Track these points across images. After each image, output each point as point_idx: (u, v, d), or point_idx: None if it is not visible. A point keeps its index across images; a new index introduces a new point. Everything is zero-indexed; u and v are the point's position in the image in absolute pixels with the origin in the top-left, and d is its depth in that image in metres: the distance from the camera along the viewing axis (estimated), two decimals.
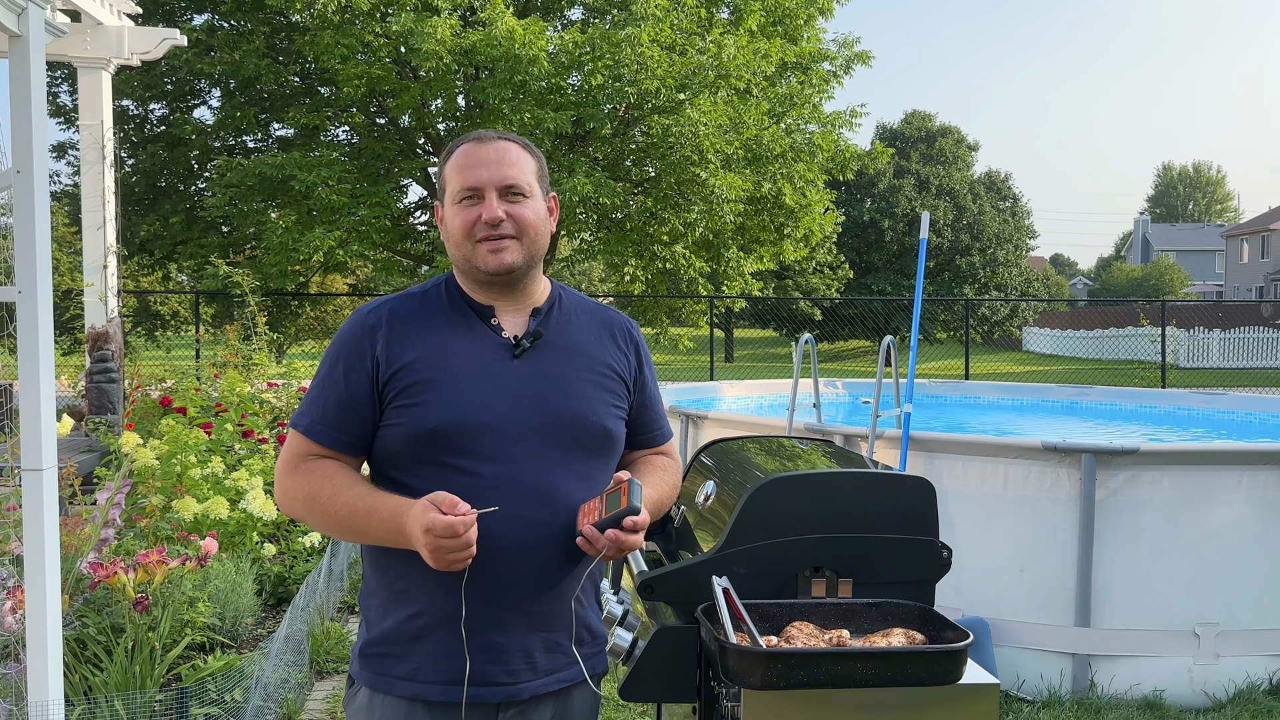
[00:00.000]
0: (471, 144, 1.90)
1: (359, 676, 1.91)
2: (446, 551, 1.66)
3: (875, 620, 2.11)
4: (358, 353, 1.86)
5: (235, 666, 3.55)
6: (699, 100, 12.63)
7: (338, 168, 13.24)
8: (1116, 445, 4.58)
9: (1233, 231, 59.95)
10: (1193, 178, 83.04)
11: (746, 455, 2.70)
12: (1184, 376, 20.06)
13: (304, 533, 5.61)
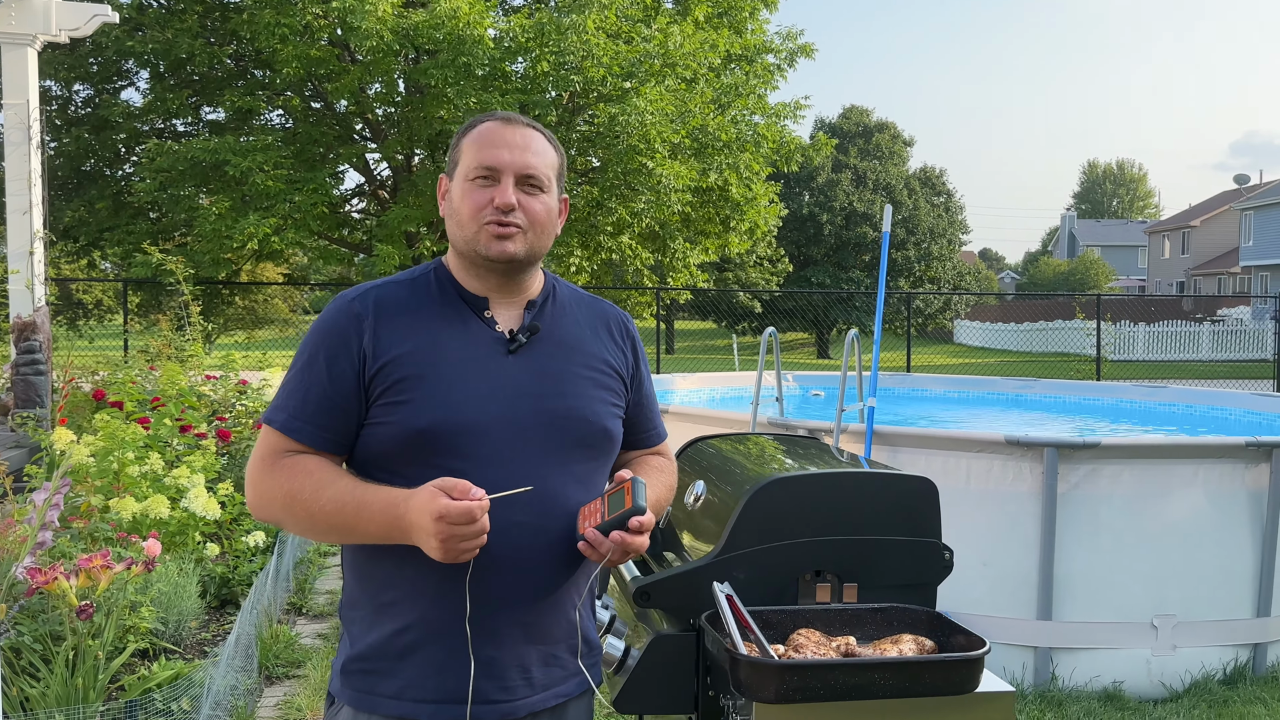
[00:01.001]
0: (497, 123, 1.78)
1: (340, 694, 1.77)
2: (460, 540, 1.54)
3: (881, 626, 2.04)
4: (342, 343, 1.72)
5: (185, 675, 3.37)
6: (645, 89, 12.52)
7: (274, 153, 12.84)
8: (1078, 439, 4.60)
9: (1155, 228, 61.71)
10: (1117, 175, 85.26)
11: (734, 454, 2.61)
12: (1114, 369, 20.55)
13: (246, 532, 5.40)
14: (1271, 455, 4.61)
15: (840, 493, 2.16)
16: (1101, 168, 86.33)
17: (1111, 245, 66.49)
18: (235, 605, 5.18)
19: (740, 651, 1.79)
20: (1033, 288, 58.41)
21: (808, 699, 1.74)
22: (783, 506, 2.13)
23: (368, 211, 17.12)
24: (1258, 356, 30.01)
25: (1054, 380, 9.75)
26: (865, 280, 34.43)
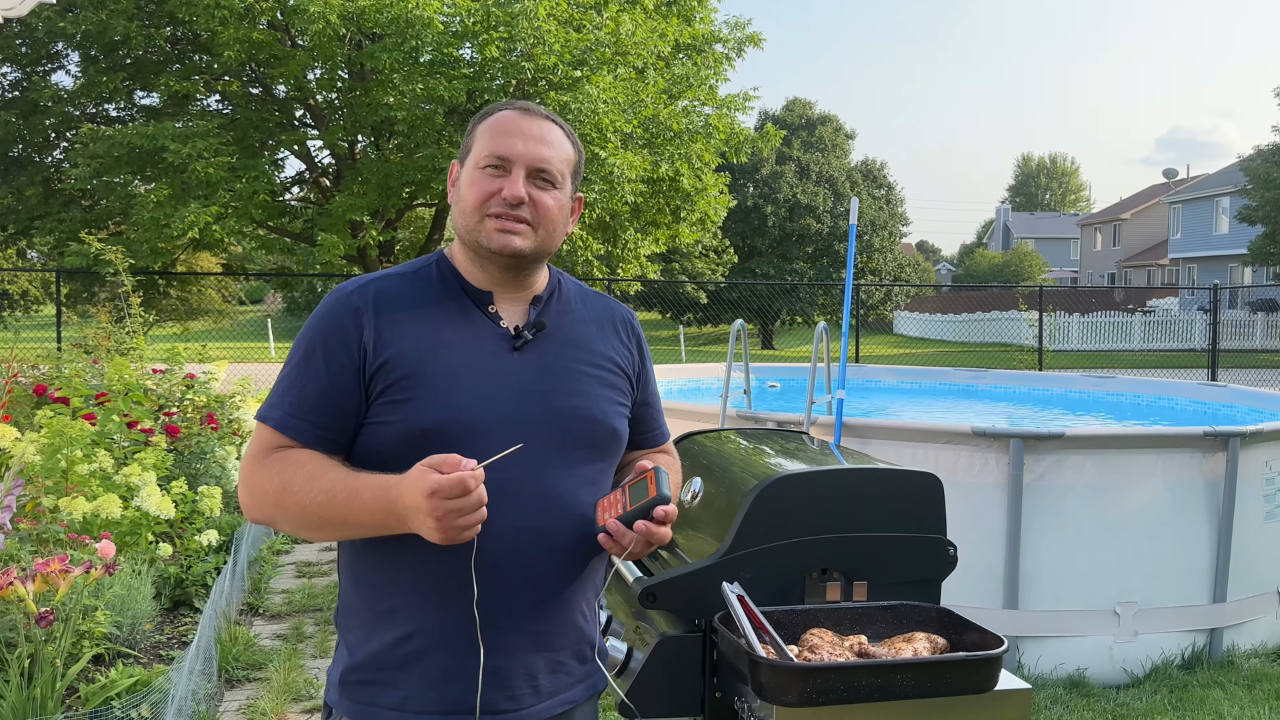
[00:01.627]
0: (515, 112, 1.71)
1: (339, 706, 1.70)
2: (457, 515, 1.44)
3: (891, 624, 2.02)
4: (341, 337, 1.63)
5: (151, 683, 3.24)
6: (596, 78, 12.43)
7: (214, 139, 12.49)
8: (1043, 430, 4.65)
9: (1087, 220, 63.13)
10: (1049, 169, 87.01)
11: (729, 450, 2.57)
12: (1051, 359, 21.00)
13: (199, 531, 5.24)
14: (1228, 445, 4.70)
15: (848, 489, 2.13)
16: (1035, 161, 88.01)
17: (1045, 238, 67.91)
18: (189, 606, 5.03)
19: (759, 654, 1.75)
20: (968, 279, 59.44)
21: (831, 701, 1.71)
22: (790, 504, 2.10)
23: (308, 200, 16.76)
24: (1186, 346, 30.89)
25: (1004, 371, 9.90)
26: (809, 271, 34.72)
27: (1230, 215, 39.79)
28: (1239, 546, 4.75)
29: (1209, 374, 14.05)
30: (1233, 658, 4.78)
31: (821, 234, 35.28)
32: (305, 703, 4.17)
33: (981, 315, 36.41)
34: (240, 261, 21.86)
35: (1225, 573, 4.74)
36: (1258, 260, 31.89)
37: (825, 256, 35.71)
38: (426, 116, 12.72)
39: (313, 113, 15.31)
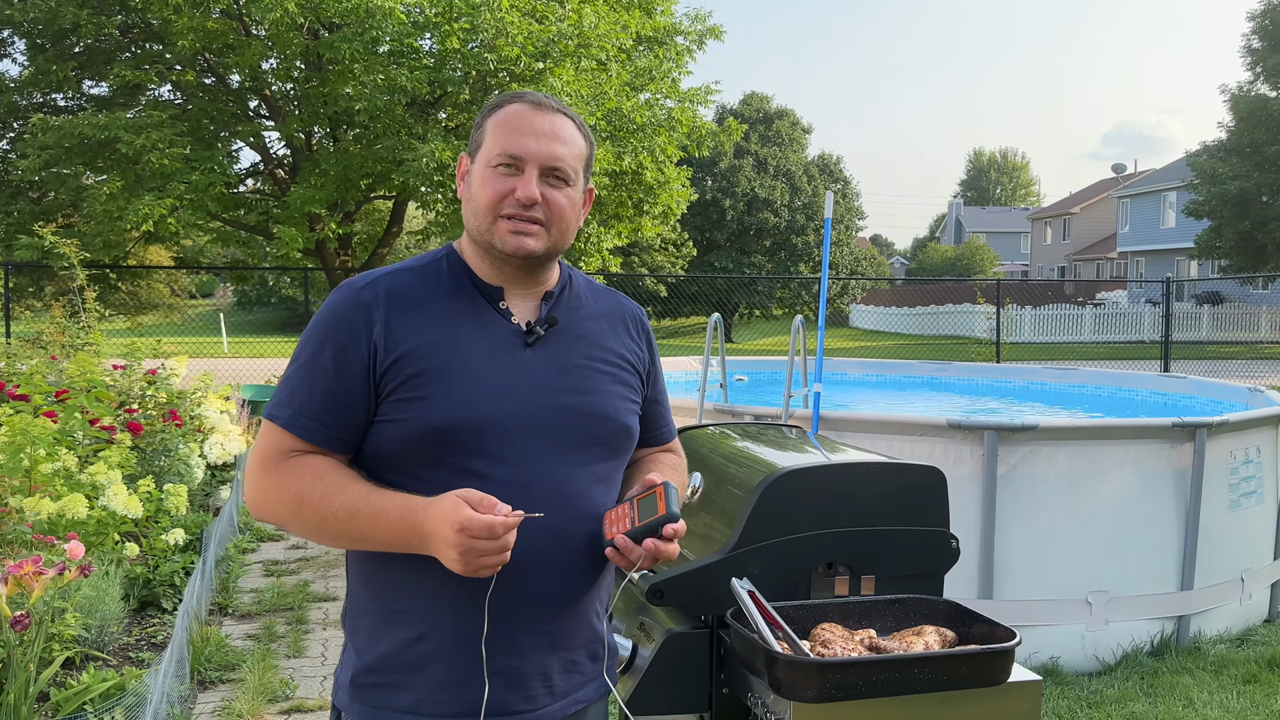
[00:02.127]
0: (526, 106, 1.67)
1: (349, 709, 1.66)
2: (479, 555, 1.45)
3: (899, 617, 2.02)
4: (350, 335, 1.60)
5: (126, 687, 3.16)
6: (559, 70, 12.35)
7: (168, 130, 12.22)
8: (1017, 422, 4.70)
9: (1037, 215, 64.10)
10: (1000, 163, 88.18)
11: (724, 446, 2.56)
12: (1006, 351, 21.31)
13: (165, 530, 5.14)
14: (1195, 435, 4.79)
15: (853, 483, 2.13)
16: (986, 156, 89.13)
17: (996, 231, 68.80)
18: (157, 607, 4.93)
19: (776, 650, 1.74)
20: (922, 273, 60.09)
21: (849, 696, 1.70)
22: (796, 498, 2.09)
23: (263, 192, 16.48)
24: (1135, 339, 31.51)
25: (968, 363, 10.01)
26: (767, 265, 34.86)
27: (1177, 210, 40.62)
28: (1205, 535, 4.85)
29: (1162, 365, 14.35)
30: (1199, 644, 4.87)
31: (779, 228, 35.46)
32: (281, 704, 4.10)
33: (936, 308, 36.85)
34: (191, 255, 21.46)
35: (1192, 561, 4.83)
36: (1204, 254, 32.57)
37: (783, 250, 35.90)
38: (387, 108, 12.56)
39: (268, 103, 15.05)
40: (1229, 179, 29.17)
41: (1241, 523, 5.12)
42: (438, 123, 14.20)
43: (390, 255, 18.62)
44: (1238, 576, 5.09)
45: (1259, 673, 4.56)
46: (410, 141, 12.80)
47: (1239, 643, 4.95)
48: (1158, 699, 4.29)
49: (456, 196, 14.22)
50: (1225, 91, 30.33)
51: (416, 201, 15.10)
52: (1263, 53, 29.92)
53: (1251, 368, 20.15)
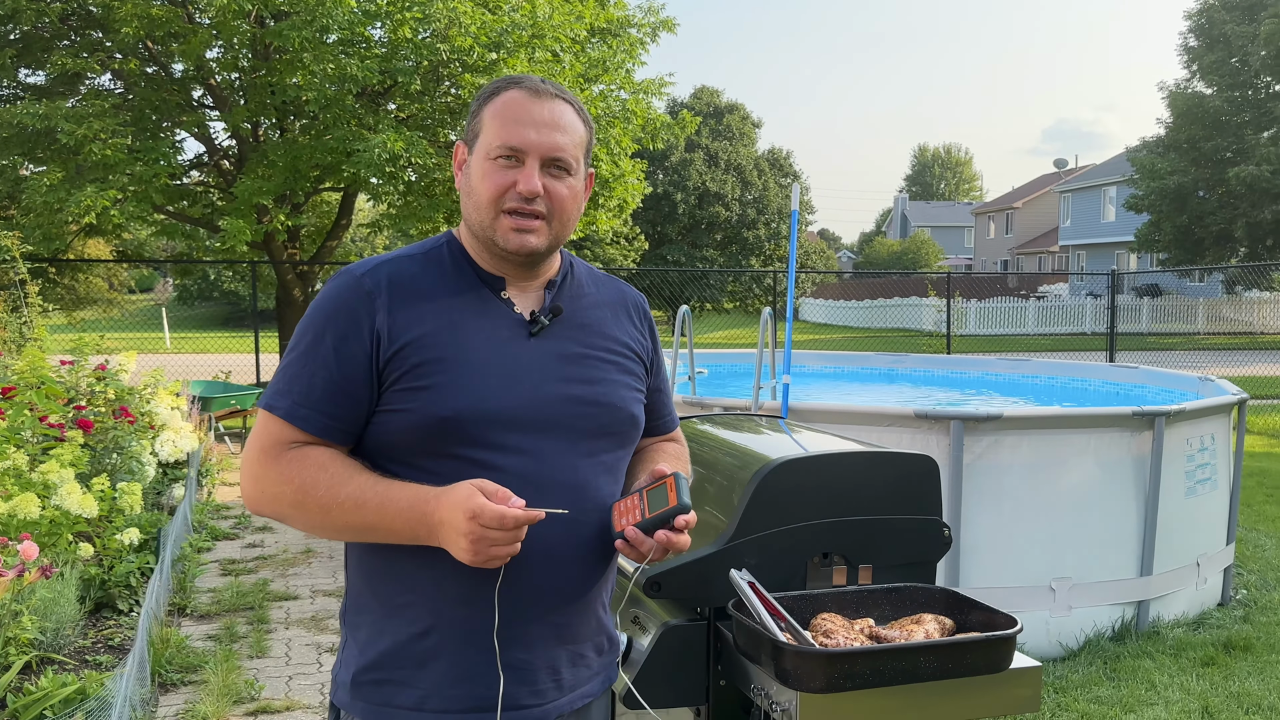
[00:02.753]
0: (524, 93, 1.62)
1: (351, 708, 1.62)
2: (490, 545, 1.42)
3: (896, 606, 2.02)
4: (352, 323, 1.55)
5: (91, 693, 3.06)
6: (513, 60, 12.24)
7: (111, 120, 11.88)
8: (982, 412, 4.75)
9: (981, 209, 65.08)
10: (944, 159, 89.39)
11: (710, 437, 2.54)
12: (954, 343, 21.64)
13: (119, 529, 5.00)
14: (1154, 423, 4.88)
15: (849, 473, 2.13)
16: (930, 152, 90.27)
17: (941, 226, 69.73)
18: (112, 608, 4.80)
19: (782, 641, 1.73)
20: (869, 266, 60.73)
21: (856, 686, 1.70)
22: (792, 489, 2.08)
23: (208, 184, 16.12)
24: (1078, 330, 32.16)
25: (923, 355, 10.12)
26: (719, 258, 34.97)
27: (1117, 204, 41.51)
28: (1163, 521, 4.94)
29: (1107, 356, 14.66)
30: (1158, 628, 4.97)
31: (730, 221, 35.57)
32: (247, 705, 4.01)
33: (884, 302, 37.28)
34: (133, 248, 20.95)
35: (1151, 547, 4.92)
36: (1143, 247, 33.32)
37: (735, 244, 36.04)
38: (336, 97, 12.34)
39: (213, 93, 14.72)
40: (1167, 174, 29.88)
41: (1197, 509, 5.23)
42: (388, 113, 13.99)
43: (339, 248, 18.35)
44: (1194, 561, 5.20)
45: (1216, 655, 4.67)
46: (361, 132, 12.59)
47: (1195, 626, 5.06)
48: (1121, 683, 4.36)
49: (409, 188, 14.11)
50: (1163, 89, 31.05)
51: (367, 194, 14.87)
52: (1199, 51, 30.68)
53: (1191, 358, 20.67)
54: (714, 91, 38.37)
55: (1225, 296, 32.13)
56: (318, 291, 12.84)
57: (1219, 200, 29.18)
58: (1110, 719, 4.01)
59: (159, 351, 21.47)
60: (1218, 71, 29.92)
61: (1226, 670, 4.51)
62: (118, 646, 4.39)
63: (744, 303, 31.84)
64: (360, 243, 39.19)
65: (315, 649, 4.70)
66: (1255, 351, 21.60)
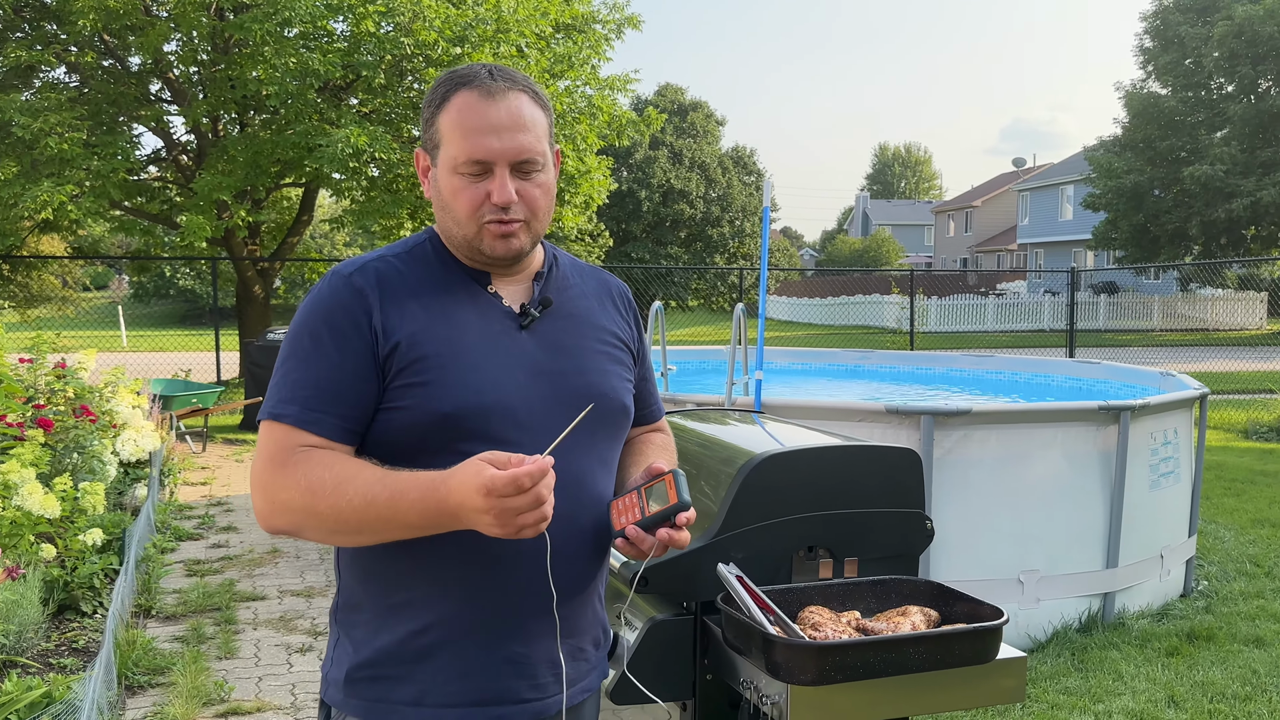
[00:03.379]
0: (477, 95, 1.55)
1: (345, 705, 1.59)
2: (515, 514, 1.34)
3: (881, 599, 2.03)
4: (350, 321, 1.53)
5: (59, 697, 3.00)
6: (477, 56, 12.17)
7: (68, 114, 11.66)
8: (951, 406, 4.79)
9: (940, 208, 65.75)
10: (904, 157, 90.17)
11: (693, 431, 2.53)
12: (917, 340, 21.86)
13: (81, 530, 4.91)
14: (1120, 418, 4.95)
15: (833, 466, 2.13)
16: (891, 150, 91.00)
17: (901, 224, 70.36)
18: (76, 610, 4.71)
19: (773, 634, 1.73)
20: (831, 264, 61.12)
21: (847, 678, 1.70)
22: (778, 482, 2.08)
23: (166, 179, 15.88)
24: (1036, 327, 32.60)
25: (889, 351, 10.20)
26: (683, 256, 35.02)
27: (1074, 203, 42.12)
28: (1128, 514, 5.01)
29: (1067, 352, 14.88)
30: (1124, 619, 5.05)
31: (695, 219, 35.63)
32: (216, 706, 3.95)
33: (846, 299, 37.56)
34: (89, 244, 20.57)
35: (1117, 539, 4.99)
36: (1100, 245, 33.85)
37: (699, 241, 36.11)
38: (298, 92, 12.20)
39: (171, 87, 14.50)
40: (1124, 173, 30.37)
41: (1161, 502, 5.32)
42: (350, 108, 13.87)
43: (300, 244, 18.15)
44: (1158, 554, 5.29)
45: (1180, 645, 4.75)
46: (323, 127, 12.47)
47: (1159, 617, 5.14)
48: (1089, 673, 4.43)
49: (372, 183, 13.99)
50: (1120, 89, 31.55)
51: (329, 189, 14.72)
52: (1154, 52, 31.21)
53: (1147, 354, 21.03)
54: (678, 89, 38.42)
55: (1180, 294, 32.73)
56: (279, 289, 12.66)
57: (1174, 199, 29.71)
58: (1079, 709, 4.06)
59: (116, 350, 21.13)
60: (1172, 72, 30.47)
61: (1190, 660, 4.58)
62: (82, 649, 4.31)
63: (709, 300, 31.93)
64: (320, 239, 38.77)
65: (284, 649, 4.64)
66: (1209, 348, 22.04)
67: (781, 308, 41.73)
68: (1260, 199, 27.18)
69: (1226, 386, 14.65)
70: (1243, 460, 9.83)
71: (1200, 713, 4.02)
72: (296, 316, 1.59)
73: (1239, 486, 8.45)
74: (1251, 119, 28.74)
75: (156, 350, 19.08)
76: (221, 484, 8.59)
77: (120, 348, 23.20)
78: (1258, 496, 8.06)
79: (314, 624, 5.00)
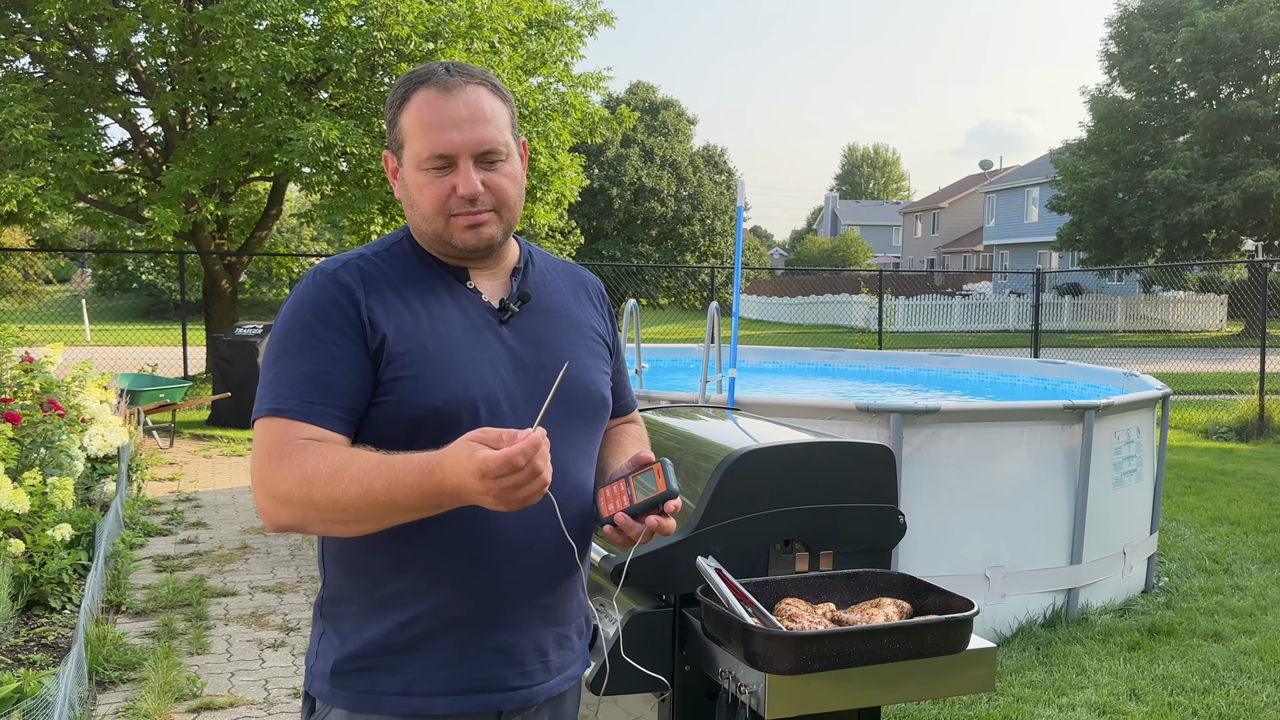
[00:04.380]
0: (435, 92, 1.58)
1: (331, 698, 1.60)
2: (514, 489, 1.35)
3: (855, 591, 2.07)
4: (342, 315, 1.55)
5: (30, 692, 2.99)
6: (450, 51, 12.14)
7: (33, 104, 11.50)
8: (920, 405, 4.86)
9: (908, 209, 66.26)
10: (873, 158, 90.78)
11: (670, 428, 2.57)
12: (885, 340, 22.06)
13: (50, 525, 4.87)
14: (1085, 417, 5.04)
15: (811, 462, 2.18)
16: (860, 151, 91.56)
17: (870, 225, 70.82)
18: (44, 606, 4.69)
19: (751, 625, 1.77)
20: (800, 263, 61.42)
21: (824, 667, 1.75)
22: (756, 478, 2.12)
23: (132, 172, 15.69)
24: (1001, 328, 32.97)
25: (858, 350, 10.30)
26: (654, 254, 35.07)
27: (1040, 205, 42.62)
28: (1092, 511, 5.11)
29: (1032, 352, 15.09)
30: (1087, 615, 5.15)
31: (666, 217, 35.69)
32: (189, 702, 3.94)
33: (815, 298, 37.78)
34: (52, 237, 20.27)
35: (1081, 536, 5.09)
36: (1065, 246, 34.29)
37: (669, 239, 36.17)
38: (269, 84, 12.11)
39: (138, 78, 14.34)
40: (1089, 176, 30.77)
41: (1124, 499, 5.42)
42: (321, 102, 13.78)
43: (268, 238, 18.01)
44: (1120, 550, 5.39)
45: (1141, 640, 4.85)
46: (293, 120, 12.38)
47: (1122, 612, 5.25)
48: (1053, 668, 4.52)
49: (342, 178, 13.90)
50: (1085, 93, 32.01)
51: (299, 183, 14.62)
52: (1119, 57, 31.65)
53: (1110, 355, 21.35)
54: (649, 87, 38.47)
55: (1143, 295, 33.24)
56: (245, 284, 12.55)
57: (1137, 202, 30.16)
58: (1044, 702, 4.15)
59: (80, 344, 20.83)
60: (1137, 77, 30.92)
61: (1151, 654, 4.69)
62: (51, 645, 4.28)
63: (679, 299, 32.01)
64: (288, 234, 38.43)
65: (257, 645, 4.63)
66: (1170, 349, 22.40)
67: (751, 307, 41.91)
68: (1221, 203, 27.66)
69: (1187, 387, 14.92)
70: (1203, 460, 10.02)
71: (1161, 705, 4.12)
72: (283, 315, 1.60)
73: (1199, 485, 8.62)
74: (1213, 124, 29.24)
75: (121, 345, 18.83)
76: (190, 480, 8.53)
77: (84, 342, 22.89)
78: (1217, 495, 8.23)
79: (286, 620, 4.99)
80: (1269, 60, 29.84)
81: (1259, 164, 28.38)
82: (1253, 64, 29.60)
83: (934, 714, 4.01)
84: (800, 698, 1.80)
